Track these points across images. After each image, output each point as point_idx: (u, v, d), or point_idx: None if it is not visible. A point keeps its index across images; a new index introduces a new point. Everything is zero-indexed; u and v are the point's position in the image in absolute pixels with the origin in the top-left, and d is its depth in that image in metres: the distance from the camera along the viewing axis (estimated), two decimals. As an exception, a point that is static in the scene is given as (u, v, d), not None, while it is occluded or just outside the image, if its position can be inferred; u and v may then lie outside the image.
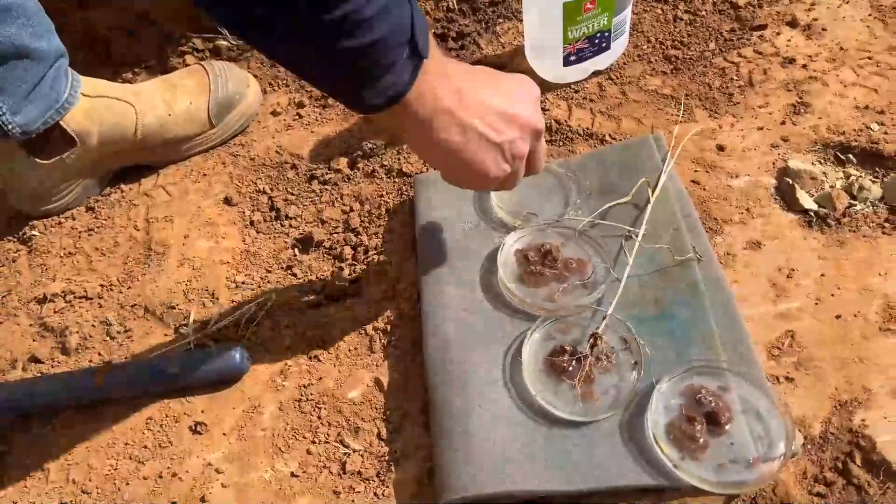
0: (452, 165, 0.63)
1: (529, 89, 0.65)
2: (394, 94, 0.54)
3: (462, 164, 0.62)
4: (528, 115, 0.63)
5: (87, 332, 0.84)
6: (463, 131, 0.60)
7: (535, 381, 0.68)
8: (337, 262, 0.87)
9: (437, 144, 0.60)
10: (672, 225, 0.79)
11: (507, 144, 0.62)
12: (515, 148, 0.63)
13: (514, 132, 0.62)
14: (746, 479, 0.61)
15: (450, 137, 0.60)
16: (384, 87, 0.53)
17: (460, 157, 0.61)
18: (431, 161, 0.65)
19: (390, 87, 0.54)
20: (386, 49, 0.51)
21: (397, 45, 0.52)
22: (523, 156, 0.65)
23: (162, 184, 0.99)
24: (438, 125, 0.59)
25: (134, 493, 0.71)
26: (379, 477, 0.68)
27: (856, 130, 0.88)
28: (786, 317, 0.73)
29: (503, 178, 0.65)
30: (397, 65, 0.53)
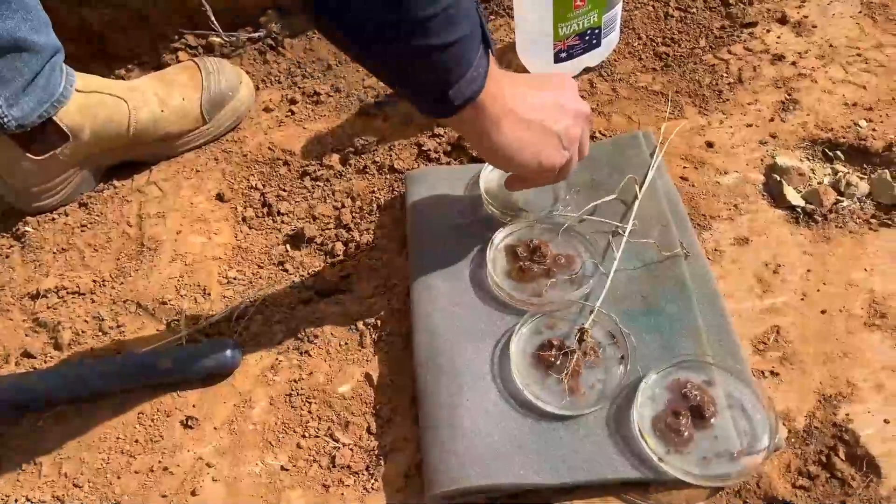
0: (521, 162, 0.67)
1: (569, 82, 0.71)
2: (472, 92, 0.58)
3: (531, 154, 0.66)
4: (575, 103, 0.69)
5: (80, 327, 0.85)
6: (528, 127, 0.65)
7: (523, 374, 0.69)
8: (328, 257, 0.87)
9: (507, 143, 0.64)
10: (660, 221, 0.79)
11: (563, 132, 0.67)
12: (570, 133, 0.68)
13: (568, 119, 0.68)
14: (730, 472, 0.62)
15: (518, 134, 0.64)
16: (464, 85, 0.57)
17: (529, 152, 0.66)
18: (501, 161, 0.68)
19: (470, 85, 0.57)
20: (468, 46, 0.55)
21: (475, 41, 0.56)
22: (577, 140, 0.70)
23: (154, 180, 0.99)
24: (507, 124, 0.63)
25: (125, 486, 0.71)
26: (368, 471, 0.69)
27: (844, 127, 0.89)
28: (772, 312, 0.74)
29: (564, 165, 0.70)
30: (475, 61, 0.56)
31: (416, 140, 0.96)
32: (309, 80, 1.08)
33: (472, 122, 0.61)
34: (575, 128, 0.69)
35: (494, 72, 0.60)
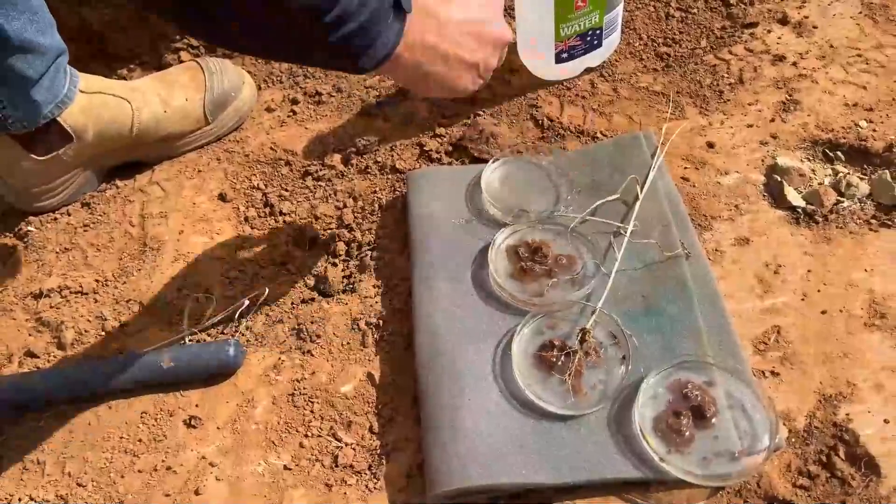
0: (436, 89, 0.68)
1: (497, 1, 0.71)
2: (385, 54, 0.59)
3: (445, 86, 0.68)
4: (498, 29, 0.69)
5: (83, 326, 0.85)
6: (445, 60, 0.65)
7: (525, 375, 0.69)
8: (330, 257, 0.87)
9: (425, 77, 0.66)
10: (661, 221, 0.80)
11: (481, 63, 0.68)
12: (488, 63, 0.70)
13: (487, 49, 0.69)
14: (731, 471, 0.62)
15: (436, 69, 0.65)
16: (376, 52, 0.58)
17: (444, 82, 0.67)
18: (418, 90, 0.72)
19: (381, 49, 0.58)
20: (373, 24, 0.56)
21: (384, 15, 0.57)
22: (492, 67, 0.71)
23: (157, 180, 1.00)
24: (425, 61, 0.64)
25: (129, 486, 0.71)
26: (371, 470, 0.69)
27: (844, 128, 0.89)
28: (772, 312, 0.74)
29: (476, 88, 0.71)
30: (384, 30, 0.58)
31: (418, 140, 0.97)
32: (311, 79, 1.09)
33: (392, 72, 0.64)
34: (493, 58, 0.70)
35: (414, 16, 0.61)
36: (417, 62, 0.63)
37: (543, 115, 0.96)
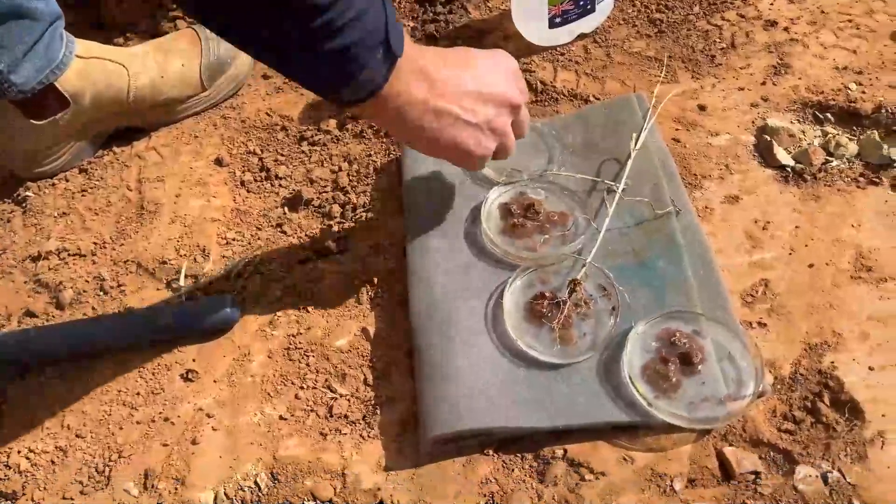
0: (435, 149, 0.67)
1: (504, 64, 0.69)
2: (370, 90, 0.58)
3: (443, 148, 0.66)
4: (503, 90, 0.67)
5: (81, 287, 0.86)
6: (437, 117, 0.63)
7: (516, 325, 0.70)
8: (326, 219, 0.88)
9: (414, 132, 0.64)
10: (652, 179, 0.80)
11: (484, 124, 0.66)
12: (494, 125, 0.67)
13: (490, 110, 0.66)
14: (717, 415, 0.63)
15: (425, 125, 0.63)
16: (361, 83, 0.57)
17: (439, 142, 0.65)
18: (415, 147, 0.69)
19: (367, 83, 0.58)
20: (362, 50, 0.55)
21: (373, 46, 0.56)
22: (504, 130, 0.68)
23: (154, 145, 1.00)
24: (413, 115, 0.62)
25: (127, 436, 0.73)
26: (365, 420, 0.71)
27: (834, 90, 0.90)
28: (760, 266, 0.75)
29: (489, 153, 0.69)
30: (373, 63, 0.57)
31: (413, 105, 0.97)
32: (306, 48, 1.09)
33: (374, 113, 0.62)
34: (500, 119, 0.67)
35: (408, 62, 0.60)
36: (403, 112, 0.62)
37: (537, 79, 0.97)
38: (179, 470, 0.69)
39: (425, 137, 0.65)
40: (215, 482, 0.68)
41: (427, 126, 0.63)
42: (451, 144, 0.66)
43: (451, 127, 0.64)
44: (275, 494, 0.67)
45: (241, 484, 0.68)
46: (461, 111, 0.64)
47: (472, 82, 0.65)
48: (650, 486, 0.63)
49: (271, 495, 0.67)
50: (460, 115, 0.64)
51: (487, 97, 0.65)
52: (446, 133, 0.65)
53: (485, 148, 0.67)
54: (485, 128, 0.66)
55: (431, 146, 0.66)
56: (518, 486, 0.64)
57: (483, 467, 0.65)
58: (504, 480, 0.64)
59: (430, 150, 0.68)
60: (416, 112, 0.62)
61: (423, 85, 0.62)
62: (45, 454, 0.73)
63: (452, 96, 0.64)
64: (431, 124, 0.64)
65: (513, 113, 0.69)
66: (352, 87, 0.58)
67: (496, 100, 0.66)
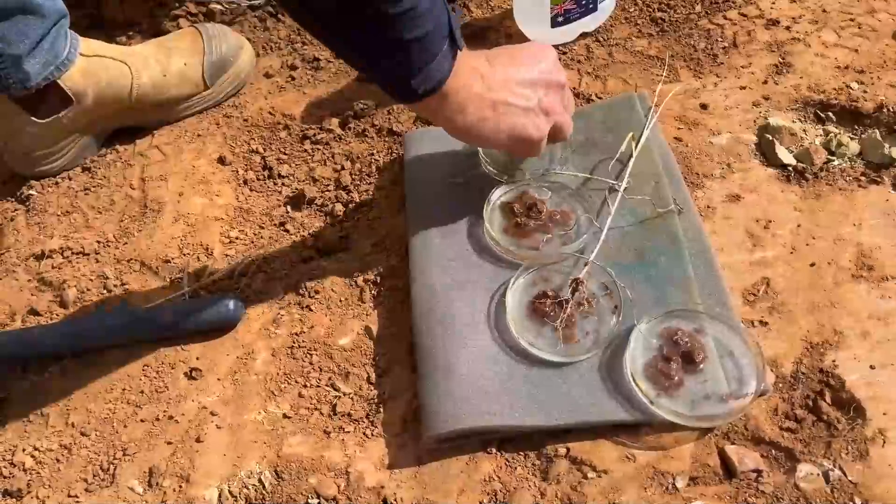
0: (496, 139, 0.70)
1: (545, 52, 0.73)
2: (437, 81, 0.62)
3: (505, 137, 0.70)
4: (547, 73, 0.71)
5: (85, 285, 0.86)
6: (494, 108, 0.68)
7: (519, 324, 0.71)
8: (328, 218, 0.89)
9: (475, 126, 0.68)
10: (654, 178, 0.81)
11: (536, 107, 0.70)
12: (545, 105, 0.71)
13: (540, 92, 0.70)
14: (719, 413, 0.64)
15: (484, 115, 0.68)
16: (430, 74, 0.61)
17: (501, 131, 0.69)
18: (472, 140, 0.73)
19: (435, 74, 0.62)
20: (434, 40, 0.59)
21: (442, 37, 0.60)
22: (556, 109, 0.72)
23: (157, 144, 1.01)
24: (473, 108, 0.67)
25: (131, 434, 0.73)
26: (368, 418, 0.71)
27: (836, 89, 0.90)
28: (761, 265, 0.75)
29: (545, 135, 0.72)
30: (441, 55, 0.61)
31: (415, 104, 0.97)
32: (309, 46, 1.09)
33: (438, 108, 0.66)
34: (549, 99, 0.71)
35: (463, 61, 0.64)
36: (464, 106, 0.66)
37: (539, 78, 0.97)
38: (184, 468, 0.70)
39: (486, 129, 0.69)
40: (219, 480, 0.68)
41: (486, 117, 0.68)
42: (510, 132, 0.69)
43: (507, 115, 0.69)
44: (279, 492, 0.67)
45: (245, 482, 0.68)
46: (514, 98, 0.68)
47: (518, 73, 0.69)
48: (652, 483, 0.63)
49: (275, 493, 0.67)
50: (514, 102, 0.68)
51: (534, 82, 0.70)
52: (504, 122, 0.69)
53: (542, 130, 0.71)
54: (538, 110, 0.70)
55: (492, 137, 0.70)
56: (521, 483, 0.64)
57: (486, 465, 0.66)
58: (507, 478, 0.65)
59: (492, 141, 0.71)
60: (475, 105, 0.67)
61: (478, 80, 0.67)
62: (49, 452, 0.73)
63: (503, 88, 0.68)
64: (489, 115, 0.68)
65: (558, 90, 0.73)
66: (423, 77, 0.61)
67: (542, 82, 0.70)
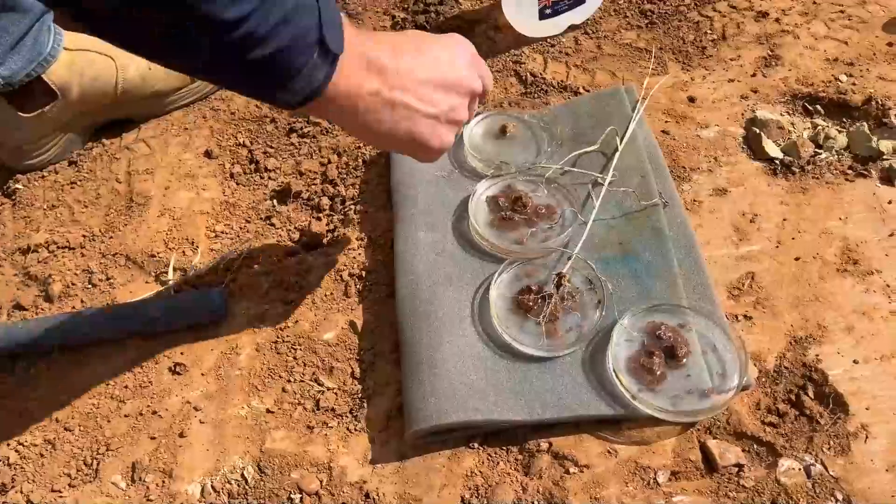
0: (390, 143, 0.62)
1: (462, 48, 0.64)
2: (309, 93, 0.54)
3: (398, 142, 0.61)
4: (463, 78, 0.62)
5: (70, 280, 0.86)
6: (392, 110, 0.58)
7: (502, 318, 0.71)
8: (315, 212, 0.88)
9: (368, 127, 0.59)
10: (639, 172, 0.80)
11: (443, 114, 0.61)
12: (454, 115, 0.62)
13: (453, 99, 0.62)
14: (700, 408, 0.64)
15: (379, 118, 0.58)
16: (298, 88, 0.53)
17: (395, 136, 0.60)
18: (371, 144, 0.64)
19: (304, 87, 0.53)
20: (291, 55, 0.51)
21: (304, 49, 0.51)
22: (463, 120, 0.64)
23: (143, 137, 1.00)
24: (365, 109, 0.58)
25: (115, 429, 0.73)
26: (352, 413, 0.71)
27: (824, 82, 0.90)
28: (747, 259, 0.75)
29: (447, 146, 0.64)
30: (307, 67, 0.52)
31: (402, 97, 0.97)
32: (296, 39, 1.09)
33: (323, 112, 0.58)
34: (462, 109, 0.63)
35: (354, 55, 0.55)
36: (354, 108, 0.57)
37: (527, 71, 0.96)
38: (167, 463, 0.70)
39: (380, 132, 0.59)
40: (202, 475, 0.68)
41: (381, 119, 0.58)
42: (407, 138, 0.61)
43: (407, 119, 0.59)
44: (261, 487, 0.67)
45: (228, 476, 0.68)
46: (418, 102, 0.59)
47: (429, 70, 0.60)
48: (634, 478, 0.63)
49: (258, 488, 0.67)
50: (417, 106, 0.59)
51: (445, 85, 0.61)
52: (402, 126, 0.59)
53: (444, 140, 0.62)
54: (443, 119, 0.61)
55: (386, 140, 0.61)
56: (503, 478, 0.64)
57: (468, 460, 0.66)
58: (489, 473, 0.65)
59: (385, 145, 0.63)
60: (368, 106, 0.57)
61: (375, 77, 0.57)
62: (34, 447, 0.73)
63: (408, 87, 0.59)
64: (385, 117, 0.58)
65: (473, 101, 0.65)
66: (288, 92, 0.53)
67: (456, 88, 0.62)
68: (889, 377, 0.66)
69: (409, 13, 1.09)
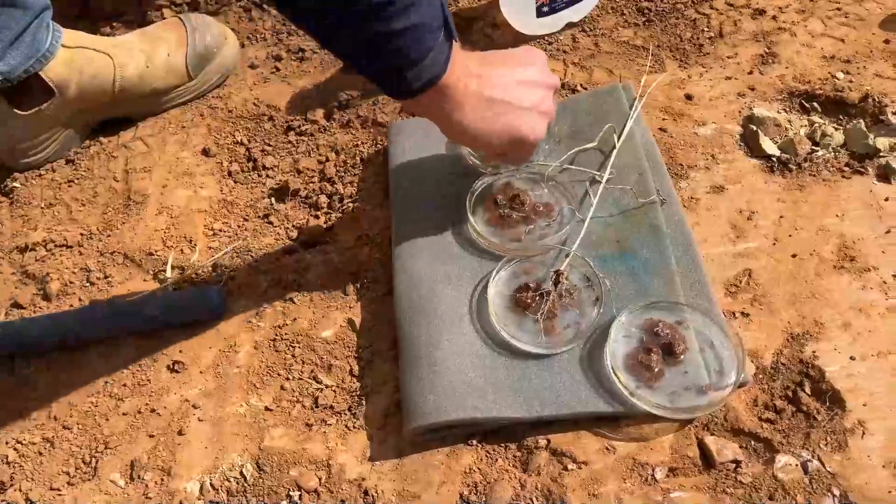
0: (494, 140, 0.68)
1: (536, 54, 0.72)
2: (432, 76, 0.60)
3: (502, 137, 0.68)
4: (543, 76, 0.70)
5: (68, 278, 0.86)
6: (491, 106, 0.66)
7: (500, 316, 0.71)
8: (313, 210, 0.88)
9: (473, 124, 0.66)
10: (637, 169, 0.80)
11: (535, 106, 0.69)
12: (543, 107, 0.70)
13: (537, 94, 0.69)
14: (698, 405, 0.64)
15: (482, 114, 0.66)
16: (424, 69, 0.59)
17: (498, 131, 0.67)
18: (467, 140, 0.71)
19: (429, 69, 0.60)
20: (425, 32, 0.58)
21: (435, 29, 0.58)
22: (551, 111, 0.71)
23: (140, 136, 1.00)
24: (470, 106, 0.65)
25: (113, 427, 0.73)
26: (350, 410, 0.71)
27: (821, 79, 0.90)
28: (744, 256, 0.75)
29: (542, 136, 0.70)
30: (434, 48, 0.59)
31: (400, 95, 0.97)
32: (294, 37, 1.09)
33: (434, 105, 0.64)
34: (547, 101, 0.70)
35: (458, 57, 0.63)
36: (461, 102, 0.64)
37: (524, 69, 0.96)
38: (165, 461, 0.70)
39: (483, 128, 0.66)
40: (201, 472, 0.68)
41: (484, 117, 0.66)
42: (508, 132, 0.67)
43: (506, 115, 0.67)
44: (260, 485, 0.67)
45: (227, 474, 0.68)
46: (512, 97, 0.67)
47: (514, 73, 0.68)
48: (632, 475, 0.63)
49: (257, 486, 0.67)
50: (512, 101, 0.67)
51: (531, 83, 0.69)
52: (502, 121, 0.67)
53: (537, 131, 0.69)
54: (535, 111, 0.69)
55: (489, 137, 0.67)
56: (501, 475, 0.65)
57: (467, 457, 0.66)
58: (487, 470, 0.65)
59: (488, 141, 0.68)
60: (472, 103, 0.65)
61: (474, 78, 0.65)
62: (32, 445, 0.73)
63: (500, 86, 0.66)
64: (487, 114, 0.66)
65: (552, 94, 0.72)
66: (417, 70, 0.59)
67: (539, 84, 0.69)
68: (886, 374, 0.66)
69: (406, 11, 1.08)
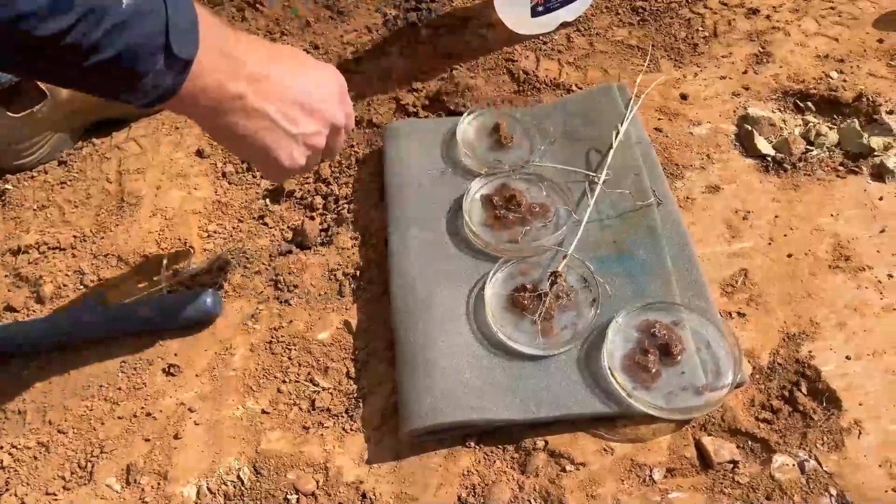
0: (242, 150, 0.62)
1: (336, 81, 0.66)
2: (159, 95, 0.53)
3: (251, 150, 0.61)
4: (331, 108, 0.63)
5: (61, 281, 0.85)
6: (252, 118, 0.58)
7: (497, 317, 0.71)
8: (308, 211, 0.88)
9: (225, 129, 0.58)
10: (633, 170, 0.81)
11: (301, 137, 0.62)
12: (312, 141, 0.63)
13: (313, 125, 0.62)
14: (696, 405, 0.64)
15: (238, 122, 0.58)
16: (145, 90, 0.52)
17: (249, 143, 0.60)
18: (227, 147, 0.65)
19: (152, 90, 0.52)
20: (134, 61, 0.50)
21: (147, 55, 0.50)
22: (318, 149, 0.64)
23: (134, 137, 0.99)
24: (225, 111, 0.57)
25: (109, 431, 0.72)
26: (347, 413, 0.71)
27: (815, 79, 0.90)
28: (739, 256, 0.76)
29: (296, 169, 0.64)
30: (153, 72, 0.51)
31: (395, 95, 0.97)
32: (287, 37, 1.08)
33: (182, 111, 0.57)
34: (319, 137, 0.63)
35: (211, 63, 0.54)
36: (214, 108, 0.56)
37: (519, 68, 0.96)
38: (162, 464, 0.69)
39: (236, 136, 0.59)
40: (198, 476, 0.68)
41: (241, 124, 0.58)
42: (261, 149, 0.60)
43: (266, 131, 0.59)
44: (257, 488, 0.67)
45: (224, 478, 0.68)
46: (281, 118, 0.60)
47: (300, 92, 0.61)
48: (630, 475, 0.63)
49: (254, 489, 0.67)
50: (279, 121, 0.59)
51: (313, 110, 0.62)
52: (259, 136, 0.59)
53: (295, 162, 0.63)
54: (300, 141, 0.62)
55: (239, 146, 0.61)
56: (499, 477, 0.65)
57: (464, 459, 0.66)
58: (485, 472, 0.65)
59: (238, 150, 0.64)
60: (229, 108, 0.57)
61: (243, 82, 0.57)
62: (27, 450, 0.72)
63: (275, 100, 0.59)
64: (245, 123, 0.58)
65: (333, 133, 0.66)
66: (136, 94, 0.52)
67: (320, 116, 0.63)
68: (881, 373, 0.66)
69: (400, 10, 1.08)
